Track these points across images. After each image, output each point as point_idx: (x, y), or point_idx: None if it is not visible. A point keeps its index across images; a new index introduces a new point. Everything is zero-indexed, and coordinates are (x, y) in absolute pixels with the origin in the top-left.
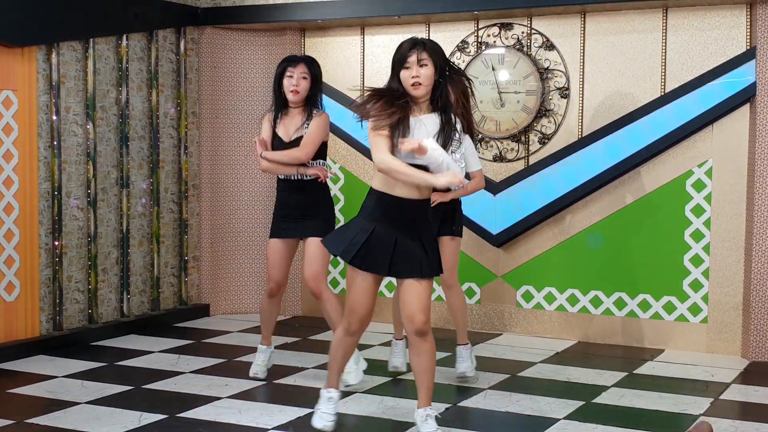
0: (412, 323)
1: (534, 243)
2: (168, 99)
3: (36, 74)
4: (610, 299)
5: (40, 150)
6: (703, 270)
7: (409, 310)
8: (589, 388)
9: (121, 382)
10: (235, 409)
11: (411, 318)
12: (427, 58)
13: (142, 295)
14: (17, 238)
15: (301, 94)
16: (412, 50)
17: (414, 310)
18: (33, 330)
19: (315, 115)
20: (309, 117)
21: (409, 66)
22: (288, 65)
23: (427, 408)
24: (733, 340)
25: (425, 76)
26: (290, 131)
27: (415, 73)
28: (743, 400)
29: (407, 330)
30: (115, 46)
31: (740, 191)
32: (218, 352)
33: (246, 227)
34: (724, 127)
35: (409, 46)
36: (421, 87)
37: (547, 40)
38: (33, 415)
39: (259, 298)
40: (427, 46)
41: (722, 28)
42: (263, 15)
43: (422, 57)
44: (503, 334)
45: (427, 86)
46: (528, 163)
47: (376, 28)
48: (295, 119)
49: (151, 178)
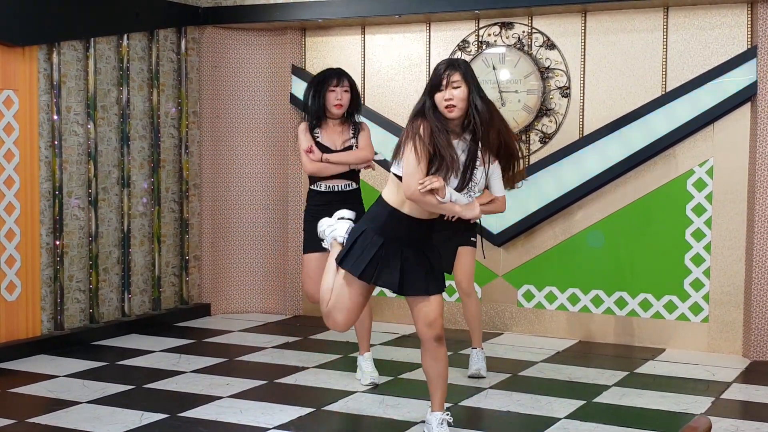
0: (432, 328)
1: (535, 242)
2: (169, 98)
3: (37, 74)
4: (611, 298)
5: (41, 149)
6: (704, 269)
7: (429, 318)
8: (590, 388)
9: (122, 381)
10: (236, 408)
11: (431, 324)
12: (460, 80)
13: (143, 294)
14: (18, 238)
15: (344, 107)
16: (445, 72)
17: (433, 318)
18: (34, 329)
19: (362, 125)
20: (355, 126)
21: (442, 89)
22: (330, 79)
23: (444, 413)
24: (734, 340)
25: (458, 98)
26: (337, 141)
27: (449, 95)
28: (744, 400)
29: (426, 336)
30: (116, 45)
31: (741, 190)
32: (219, 352)
33: (247, 227)
34: (724, 127)
35: (443, 68)
36: (455, 109)
37: (548, 40)
38: (34, 414)
39: (261, 297)
40: (459, 67)
41: (723, 27)
42: (264, 14)
43: (454, 79)
44: (504, 333)
45: (461, 108)
46: (529, 162)
47: (377, 27)
48: (338, 129)
49: (152, 177)
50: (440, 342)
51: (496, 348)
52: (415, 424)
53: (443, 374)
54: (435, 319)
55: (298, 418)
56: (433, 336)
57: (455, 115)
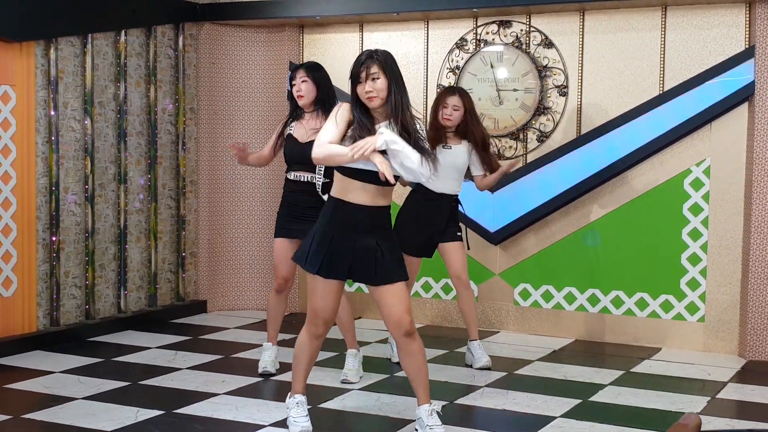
0: (400, 327)
1: (531, 241)
2: (166, 95)
3: (34, 69)
4: (607, 297)
5: (38, 145)
6: (701, 269)
7: (395, 314)
8: (586, 387)
9: (118, 378)
10: (231, 405)
11: (398, 322)
12: (378, 71)
13: (139, 291)
14: (15, 234)
15: (306, 98)
16: (362, 65)
17: (399, 313)
18: (30, 325)
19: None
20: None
21: (361, 81)
22: (292, 73)
23: (431, 404)
24: (730, 339)
25: (378, 89)
26: (304, 134)
27: (369, 87)
28: (740, 399)
29: (394, 334)
30: (114, 41)
31: (738, 190)
32: (215, 349)
33: (244, 223)
34: (722, 126)
35: (359, 61)
36: (376, 99)
37: (546, 38)
38: (30, 410)
39: (257, 295)
40: (377, 59)
41: (721, 26)
42: (262, 11)
43: (372, 71)
44: (500, 331)
45: (381, 98)
46: (526, 161)
47: (375, 24)
48: (310, 121)
49: (148, 174)
50: (410, 337)
51: (492, 346)
52: (411, 421)
53: (420, 368)
54: (400, 317)
55: None
56: (401, 333)
57: (376, 104)
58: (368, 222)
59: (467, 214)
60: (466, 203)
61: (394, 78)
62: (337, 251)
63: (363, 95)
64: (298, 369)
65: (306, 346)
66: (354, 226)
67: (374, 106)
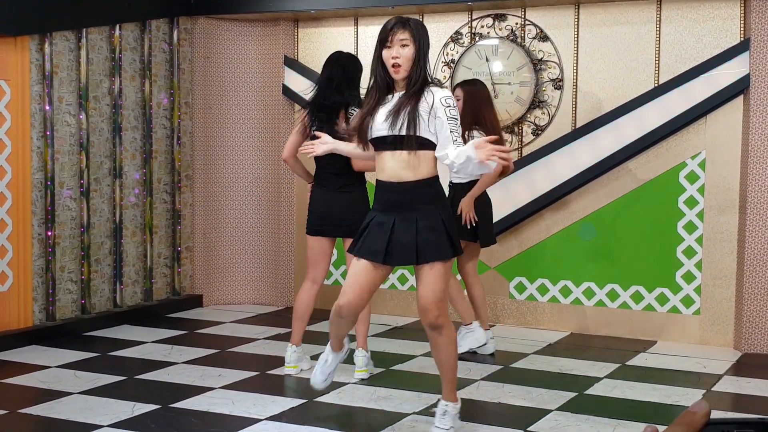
0: (425, 317)
1: (526, 234)
2: (161, 89)
3: (29, 64)
4: (602, 291)
5: (33, 140)
6: (696, 262)
7: (421, 303)
8: (582, 380)
9: (113, 372)
10: (228, 399)
11: (423, 311)
12: (408, 38)
13: (135, 285)
14: (10, 228)
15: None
16: (392, 29)
17: (425, 303)
18: (26, 320)
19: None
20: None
21: (389, 45)
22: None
23: (449, 402)
24: (725, 332)
25: (405, 57)
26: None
27: (396, 53)
28: (735, 392)
29: (422, 322)
30: (108, 36)
31: (733, 183)
32: (211, 343)
33: (239, 218)
34: (717, 119)
35: (388, 25)
36: (401, 70)
37: (541, 32)
38: (26, 405)
39: (253, 289)
40: (409, 25)
41: (716, 19)
42: (256, 5)
43: (402, 37)
44: (496, 325)
45: (406, 69)
46: (521, 154)
47: (370, 18)
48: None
49: (144, 168)
50: (436, 330)
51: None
52: (408, 415)
53: (444, 362)
54: (426, 307)
55: (290, 410)
56: (426, 324)
57: (400, 76)
58: (403, 199)
59: None
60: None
61: (423, 50)
62: (375, 233)
63: (389, 60)
64: (330, 335)
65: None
66: (393, 205)
67: (399, 77)
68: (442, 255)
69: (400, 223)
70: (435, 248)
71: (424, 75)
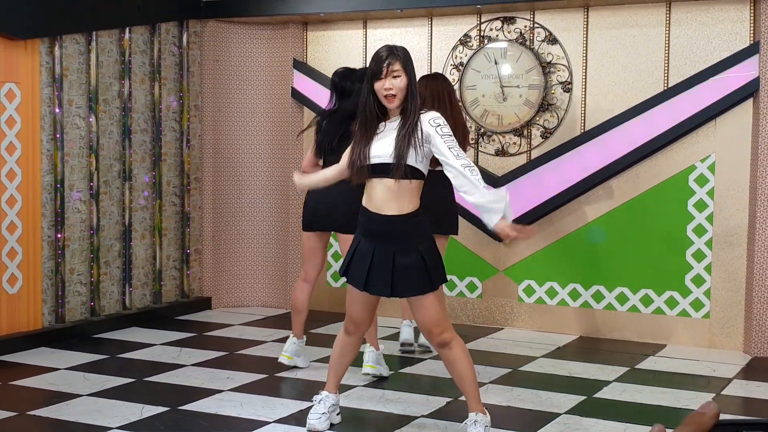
0: (431, 339)
1: (536, 237)
2: (170, 92)
3: (39, 67)
4: (611, 294)
5: (43, 143)
6: (706, 265)
7: (423, 329)
8: (591, 383)
9: (122, 374)
10: (236, 402)
11: (427, 335)
12: (400, 69)
13: (144, 287)
14: (20, 231)
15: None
16: (385, 61)
17: (426, 327)
18: (35, 322)
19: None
20: None
21: (382, 77)
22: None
23: (478, 413)
24: (735, 336)
25: (398, 87)
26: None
27: (389, 84)
28: (745, 396)
29: (431, 343)
30: (118, 38)
31: (743, 186)
32: (220, 345)
33: (248, 220)
34: (726, 122)
35: (381, 57)
36: (395, 99)
37: (550, 34)
38: (35, 407)
39: (262, 291)
40: (399, 57)
41: (726, 22)
42: (266, 8)
43: (395, 69)
44: (504, 328)
45: (400, 98)
46: (530, 157)
47: (379, 21)
48: None
49: (153, 171)
50: (444, 347)
51: (496, 343)
52: (415, 418)
53: (461, 377)
54: (429, 329)
55: (298, 412)
56: (435, 343)
57: (394, 105)
58: (387, 231)
59: (471, 210)
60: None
61: (413, 78)
62: (359, 260)
63: (381, 91)
64: (330, 365)
65: (338, 341)
66: (373, 233)
67: (393, 106)
68: (418, 290)
69: (378, 253)
70: (410, 284)
71: (417, 105)
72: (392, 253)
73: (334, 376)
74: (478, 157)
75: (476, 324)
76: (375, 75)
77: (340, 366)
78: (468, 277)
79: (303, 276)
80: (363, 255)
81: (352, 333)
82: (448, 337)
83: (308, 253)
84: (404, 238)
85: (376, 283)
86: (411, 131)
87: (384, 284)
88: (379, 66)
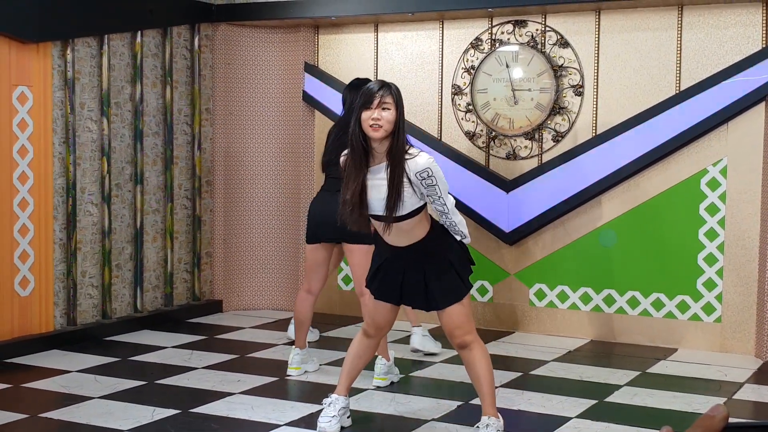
0: (452, 340)
1: (547, 241)
2: (182, 95)
3: (51, 70)
4: (623, 298)
5: (55, 146)
6: (717, 269)
7: (446, 330)
8: (602, 387)
9: (134, 377)
10: (247, 405)
11: (450, 336)
12: (391, 103)
13: (155, 290)
14: (32, 234)
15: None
16: (378, 92)
17: (449, 330)
18: (47, 325)
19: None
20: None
21: (371, 107)
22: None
23: (491, 417)
24: (746, 340)
25: (386, 119)
26: None
27: (377, 115)
28: (757, 400)
29: (452, 344)
30: (130, 42)
31: (755, 190)
32: (231, 348)
33: (259, 223)
34: (738, 126)
35: (372, 89)
36: (380, 130)
37: (562, 38)
38: (47, 409)
39: (273, 294)
40: (392, 92)
41: (738, 26)
42: (277, 12)
43: (386, 101)
44: (515, 332)
45: (386, 130)
46: (541, 161)
47: (390, 25)
48: None
49: (164, 174)
50: (464, 349)
51: (507, 347)
52: (426, 422)
53: (478, 377)
54: (451, 331)
55: (309, 415)
56: (455, 344)
57: (379, 135)
58: (407, 256)
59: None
60: (480, 202)
61: (401, 117)
62: (388, 275)
63: (368, 121)
64: (344, 366)
65: (356, 341)
66: (396, 257)
67: (376, 136)
68: (453, 299)
69: (409, 270)
70: (445, 294)
71: (403, 143)
72: (423, 270)
73: (347, 379)
74: (489, 161)
75: (487, 328)
76: (365, 105)
77: (353, 368)
78: (479, 281)
79: (307, 287)
80: (393, 271)
81: (373, 336)
82: (469, 339)
83: (313, 266)
84: (429, 253)
85: (412, 299)
86: (399, 182)
87: (421, 299)
88: (371, 96)
